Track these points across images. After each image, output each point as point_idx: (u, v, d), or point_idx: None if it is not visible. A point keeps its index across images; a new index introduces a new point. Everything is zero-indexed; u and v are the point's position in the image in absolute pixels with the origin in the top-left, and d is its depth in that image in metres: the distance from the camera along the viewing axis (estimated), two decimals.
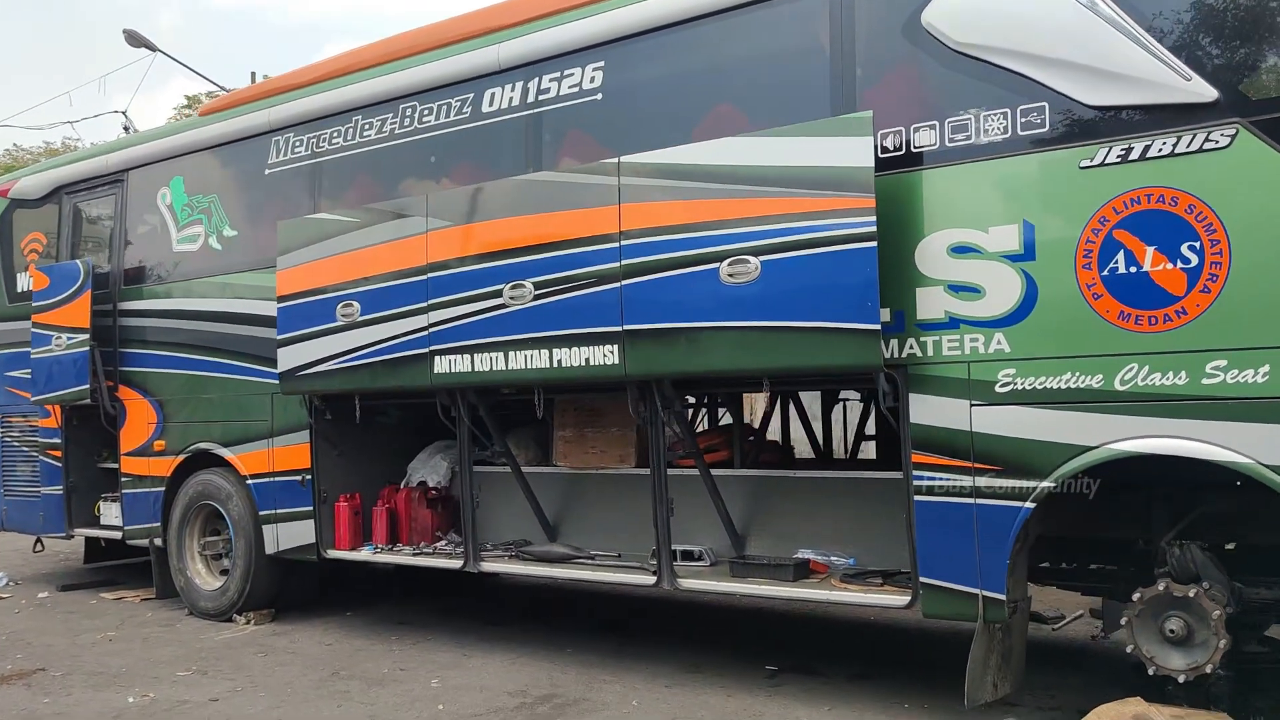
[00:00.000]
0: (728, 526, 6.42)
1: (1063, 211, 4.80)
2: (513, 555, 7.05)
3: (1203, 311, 4.47)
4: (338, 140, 7.67)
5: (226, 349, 8.25)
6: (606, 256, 5.89)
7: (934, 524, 5.14)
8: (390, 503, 7.76)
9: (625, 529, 6.99)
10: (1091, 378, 4.71)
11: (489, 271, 6.37)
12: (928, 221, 5.15)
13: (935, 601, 5.17)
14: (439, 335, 6.59)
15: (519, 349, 6.22)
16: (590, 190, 5.99)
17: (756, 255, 5.36)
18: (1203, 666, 4.62)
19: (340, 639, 7.66)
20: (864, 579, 5.78)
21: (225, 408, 8.27)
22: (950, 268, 5.08)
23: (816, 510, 6.29)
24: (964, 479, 5.04)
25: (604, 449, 7.12)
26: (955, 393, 5.05)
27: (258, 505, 8.05)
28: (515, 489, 7.30)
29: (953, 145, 5.12)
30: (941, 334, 5.10)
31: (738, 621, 8.15)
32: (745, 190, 5.43)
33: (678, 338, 5.64)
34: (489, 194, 6.48)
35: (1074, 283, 4.76)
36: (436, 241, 6.63)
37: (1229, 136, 4.43)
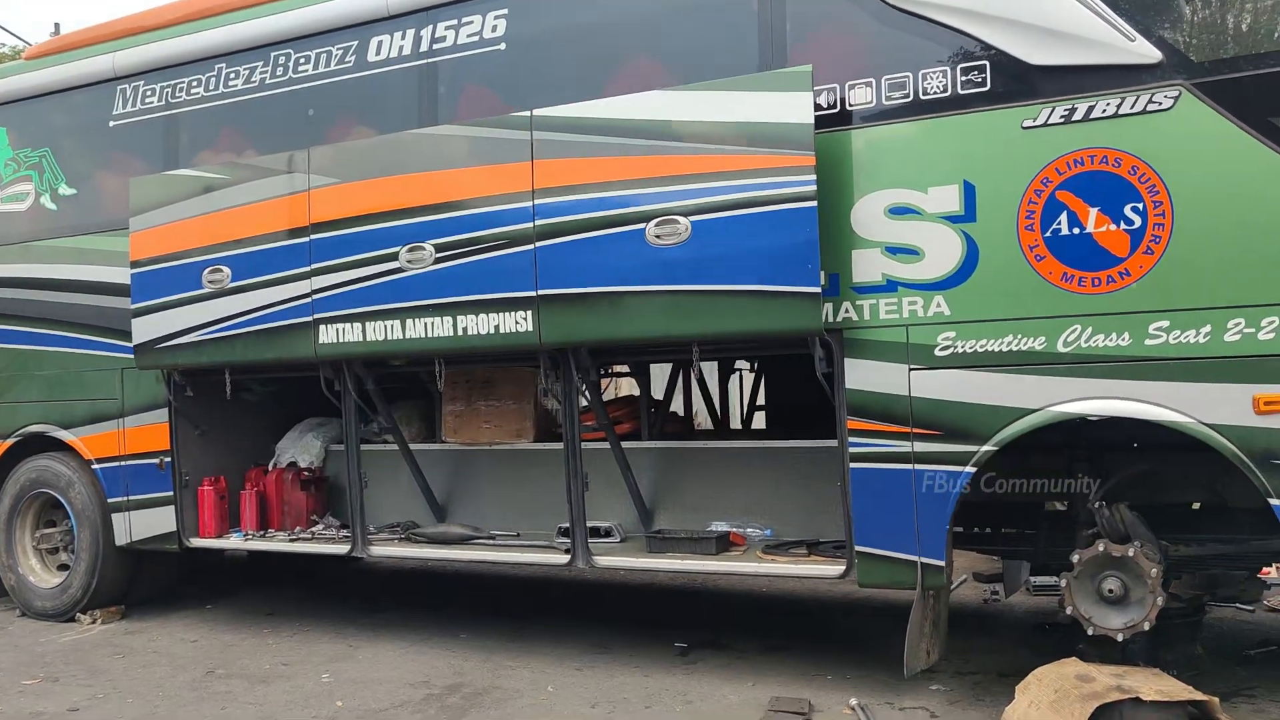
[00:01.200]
0: (637, 501, 6.18)
1: (1005, 172, 4.74)
2: (404, 538, 6.60)
3: (1146, 273, 4.49)
4: (197, 90, 6.97)
5: (64, 320, 7.43)
6: (518, 216, 5.52)
7: (870, 492, 5.03)
8: (259, 485, 7.17)
9: (522, 507, 6.67)
10: (1034, 340, 4.68)
11: (383, 233, 5.89)
12: (864, 181, 5.01)
13: (871, 570, 5.06)
14: (324, 303, 6.07)
15: (418, 316, 5.78)
16: (499, 145, 5.60)
17: (687, 215, 5.11)
18: (1140, 624, 4.66)
19: (205, 635, 7.03)
20: (786, 550, 5.64)
21: (64, 385, 7.46)
22: (888, 229, 4.95)
23: (730, 482, 6.12)
24: (902, 445, 4.94)
25: (498, 423, 6.75)
26: (893, 357, 4.94)
27: (106, 492, 7.29)
28: (399, 468, 6.86)
29: (890, 104, 4.99)
30: (879, 297, 4.98)
31: (635, 599, 7.92)
32: (674, 147, 5.16)
33: (599, 303, 5.33)
34: (383, 149, 6.00)
35: (1016, 244, 4.71)
36: (321, 200, 6.10)
37: (1172, 98, 4.44)
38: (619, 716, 5.12)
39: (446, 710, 5.28)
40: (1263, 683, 5.21)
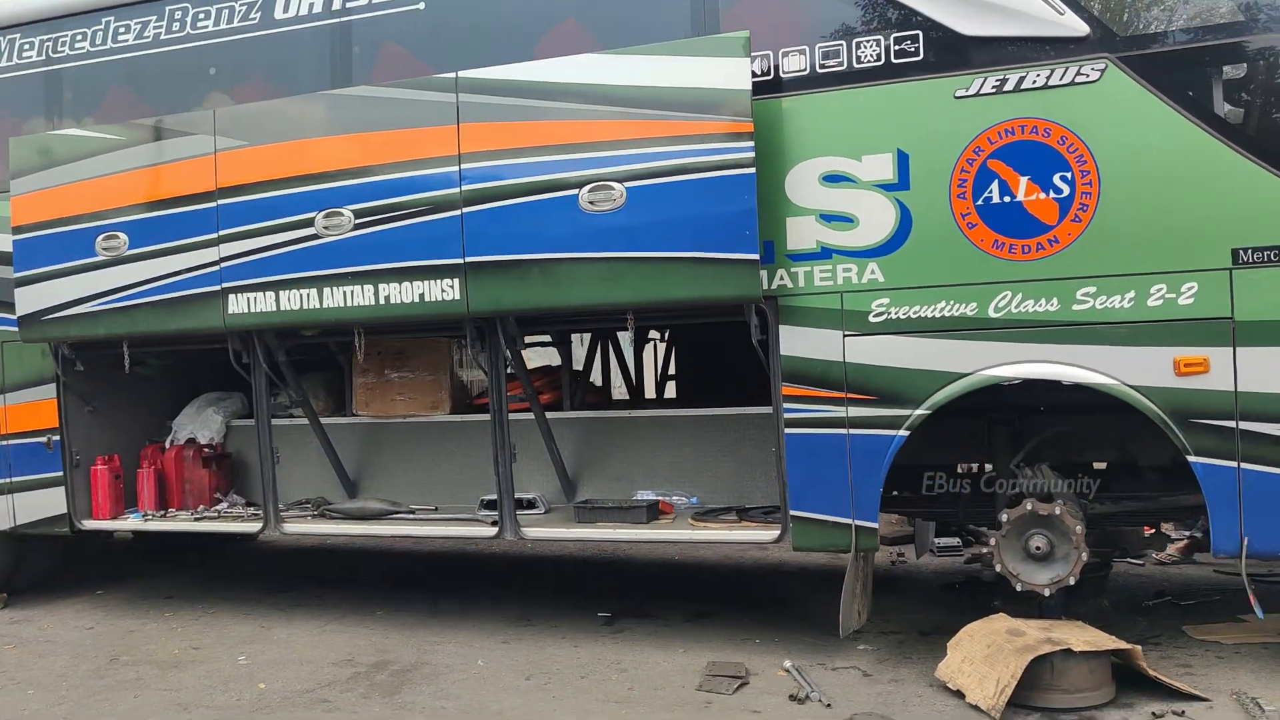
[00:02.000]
0: (560, 472, 6.13)
1: (938, 141, 4.83)
2: (318, 514, 6.40)
3: (1074, 240, 4.64)
4: (82, 45, 6.55)
5: None
6: (443, 181, 5.37)
7: (805, 456, 5.09)
8: (156, 463, 6.86)
9: (439, 480, 6.56)
10: (966, 306, 4.80)
11: (298, 198, 5.66)
12: (798, 149, 5.03)
13: (807, 534, 5.13)
14: (234, 270, 5.80)
15: (337, 285, 5.59)
16: (423, 108, 5.44)
17: (622, 181, 5.05)
18: (1065, 579, 4.85)
19: (102, 621, 6.68)
20: (716, 517, 5.67)
21: None
22: (823, 196, 5.00)
23: (655, 450, 6.13)
24: (837, 410, 5.01)
25: (413, 395, 6.60)
26: (828, 324, 5.00)
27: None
28: (308, 443, 6.65)
29: (824, 71, 5.02)
30: (813, 264, 5.02)
31: (552, 572, 7.86)
32: (608, 111, 5.09)
33: (530, 270, 5.24)
34: (297, 110, 5.76)
35: (949, 212, 4.81)
36: (229, 164, 5.82)
37: (1099, 71, 4.59)
38: (555, 687, 5.08)
39: (378, 688, 5.16)
40: (1163, 631, 5.48)
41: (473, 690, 5.08)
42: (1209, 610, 5.86)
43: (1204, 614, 5.78)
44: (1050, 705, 4.42)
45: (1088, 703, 4.43)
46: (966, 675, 4.64)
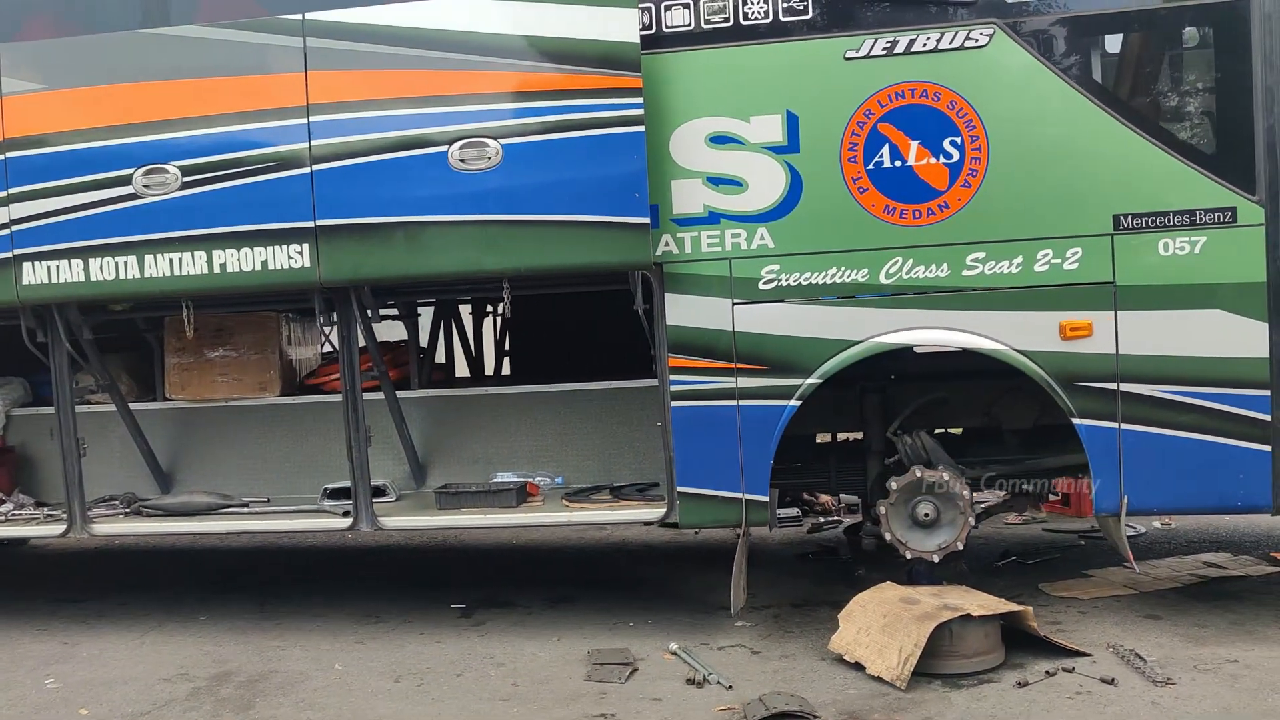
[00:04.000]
0: (410, 456, 5.69)
1: (828, 103, 4.72)
2: (132, 512, 5.67)
3: (964, 205, 4.64)
4: None
5: None
6: (289, 135, 4.83)
7: (692, 430, 4.89)
8: None
9: (267, 469, 6.00)
10: (857, 272, 4.72)
11: (110, 151, 4.96)
12: (683, 109, 4.80)
13: (694, 510, 4.94)
14: (29, 235, 5.03)
15: (161, 251, 4.93)
16: (263, 53, 4.87)
17: (497, 138, 4.67)
18: (953, 545, 4.87)
19: None
20: (588, 497, 5.40)
21: None
22: (709, 159, 4.79)
23: (513, 430, 5.78)
24: (726, 381, 4.84)
25: (238, 376, 5.97)
26: (716, 291, 4.82)
27: None
28: (113, 432, 5.91)
29: (710, 27, 4.79)
30: (700, 229, 4.82)
31: (388, 564, 7.32)
32: (481, 62, 4.70)
33: (394, 234, 4.78)
34: (110, 50, 5.03)
35: (839, 176, 4.71)
36: (19, 110, 5.04)
37: (988, 36, 4.59)
38: (431, 688, 4.67)
39: (226, 703, 4.58)
40: (1022, 590, 5.63)
41: (339, 698, 4.59)
42: (1055, 568, 6.08)
43: (1052, 572, 5.99)
44: (950, 671, 4.41)
45: (984, 666, 4.44)
46: (864, 647, 4.57)
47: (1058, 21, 4.63)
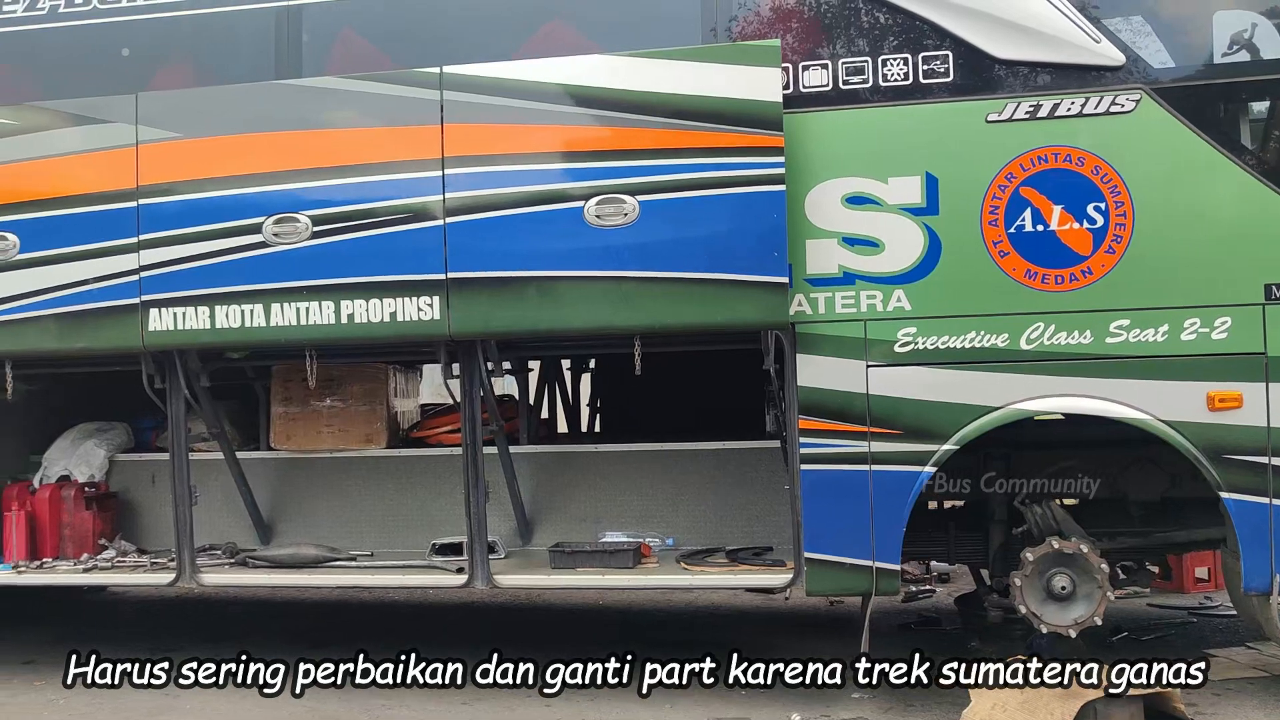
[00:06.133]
0: (518, 511, 5.60)
1: (968, 165, 4.67)
2: (237, 562, 5.60)
3: (1108, 271, 4.55)
4: None
5: None
6: (423, 187, 4.83)
7: (822, 494, 4.78)
8: (27, 505, 5.86)
9: (369, 522, 5.93)
10: (997, 337, 4.63)
11: (241, 200, 4.98)
12: (819, 168, 4.76)
13: (822, 577, 4.81)
14: (158, 281, 5.03)
15: (289, 300, 4.92)
16: (400, 105, 4.88)
17: (634, 194, 4.64)
18: (1090, 619, 4.72)
19: None
20: (703, 559, 5.28)
21: None
22: (846, 219, 4.74)
23: (623, 488, 5.69)
24: (858, 444, 4.73)
25: (344, 427, 5.93)
26: (850, 353, 4.73)
27: None
28: (213, 481, 5.86)
29: (847, 88, 4.78)
30: (835, 290, 4.75)
31: (464, 623, 7.21)
32: (618, 118, 4.70)
33: (525, 289, 4.75)
34: (243, 100, 5.07)
35: (980, 239, 4.64)
36: (154, 157, 5.06)
37: (1134, 101, 4.53)
38: None
39: None
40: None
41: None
42: (1170, 646, 5.89)
43: (1168, 650, 5.79)
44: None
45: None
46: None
47: (1206, 86, 4.59)
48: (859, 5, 4.80)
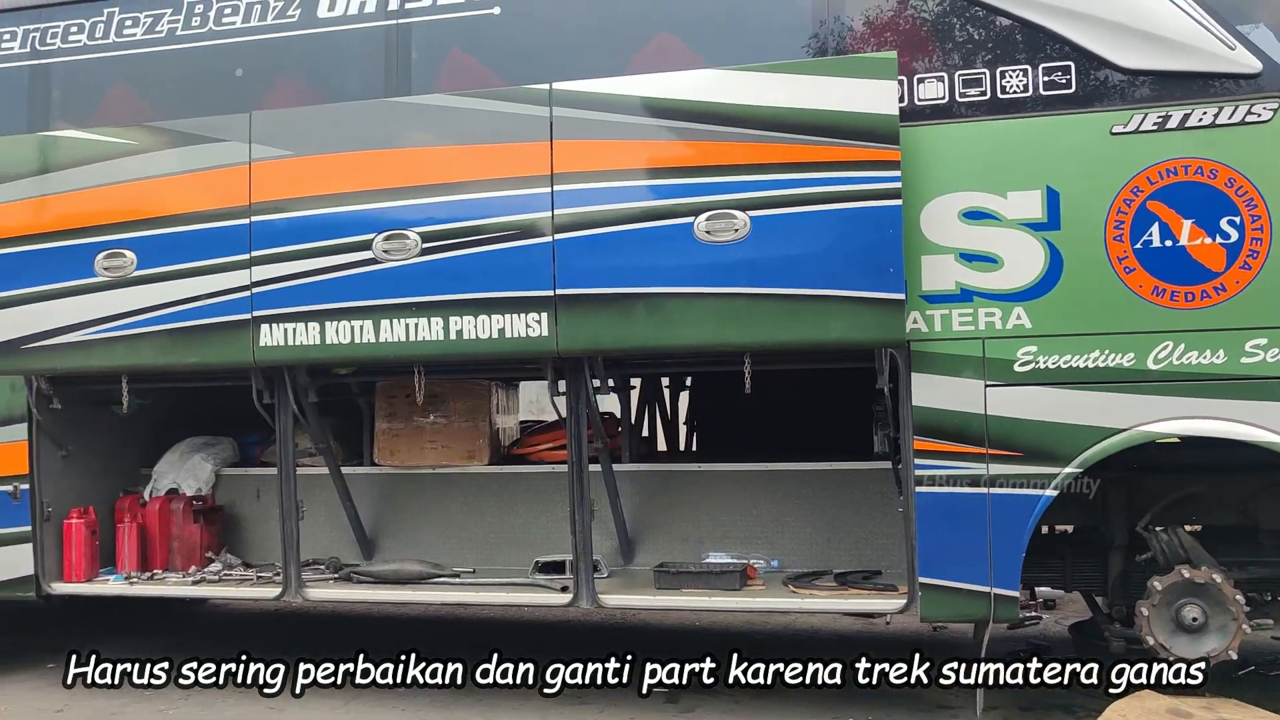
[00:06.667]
0: (620, 530, 5.54)
1: (1092, 179, 4.51)
2: (340, 577, 5.63)
3: (1243, 288, 4.36)
4: (78, 37, 5.74)
5: None
6: (532, 204, 4.81)
7: (938, 517, 4.64)
8: (138, 517, 5.96)
9: (470, 539, 5.92)
10: (1123, 356, 4.45)
11: (351, 217, 5.01)
12: (935, 183, 4.64)
13: (937, 602, 4.66)
14: (269, 297, 5.08)
15: (398, 316, 4.93)
16: (508, 121, 4.87)
17: (745, 210, 4.57)
18: (1223, 653, 4.50)
19: (70, 701, 5.69)
20: (810, 582, 5.17)
21: None
22: (963, 234, 4.61)
23: (727, 508, 5.60)
24: (976, 466, 4.59)
25: (447, 444, 5.92)
26: (967, 372, 4.59)
27: None
28: (316, 495, 5.88)
29: (964, 101, 4.66)
30: (951, 307, 4.62)
31: (539, 636, 7.14)
32: (728, 133, 4.63)
33: (634, 306, 4.70)
34: (355, 118, 5.10)
35: (1104, 255, 4.47)
36: (266, 175, 5.12)
37: (1271, 110, 4.34)
38: None
39: None
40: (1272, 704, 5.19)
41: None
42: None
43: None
44: None
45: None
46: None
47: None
48: (977, 16, 4.68)
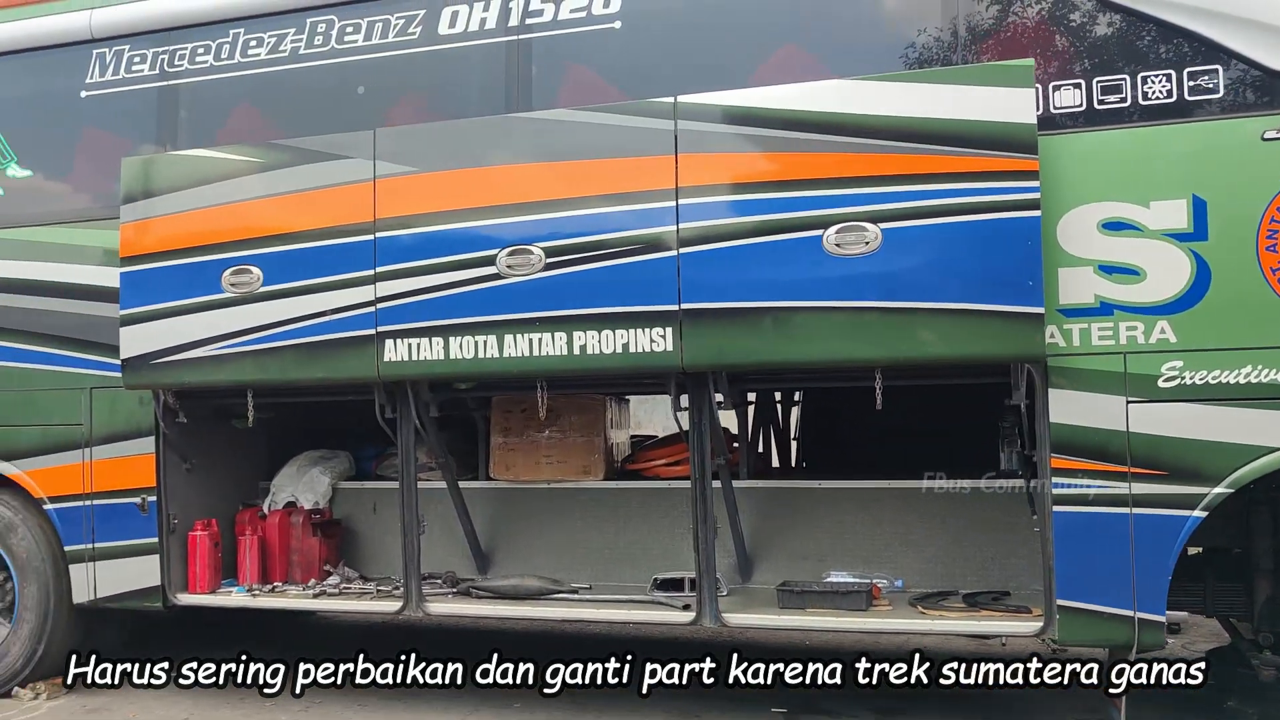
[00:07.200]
0: (739, 547, 5.46)
1: (1242, 187, 4.33)
2: (458, 592, 5.64)
3: None
4: (205, 58, 5.87)
5: (13, 328, 6.10)
6: (656, 218, 4.77)
7: (1077, 538, 4.49)
8: (259, 530, 6.05)
9: (584, 554, 5.88)
10: (1276, 372, 4.26)
11: (476, 233, 5.02)
12: (1072, 193, 4.50)
13: (1076, 626, 4.50)
14: (393, 313, 5.11)
15: (521, 331, 4.93)
16: (633, 135, 4.85)
17: (876, 222, 4.48)
18: None
19: (195, 710, 5.80)
20: (937, 603, 5.03)
21: (7, 407, 6.11)
22: (1102, 245, 4.47)
23: (848, 526, 5.48)
24: (1118, 485, 4.43)
25: (562, 458, 5.91)
26: (1108, 388, 4.44)
27: (63, 538, 5.98)
28: (432, 510, 5.90)
29: (1103, 108, 4.52)
30: (1091, 321, 4.47)
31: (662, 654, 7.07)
32: (858, 144, 4.54)
33: (761, 320, 4.63)
34: (478, 134, 5.12)
35: (1256, 266, 4.30)
36: (390, 192, 5.16)
37: None
38: None
39: None
40: None
41: None
42: None
43: None
44: None
45: None
46: None
47: None
48: (1116, 21, 4.55)
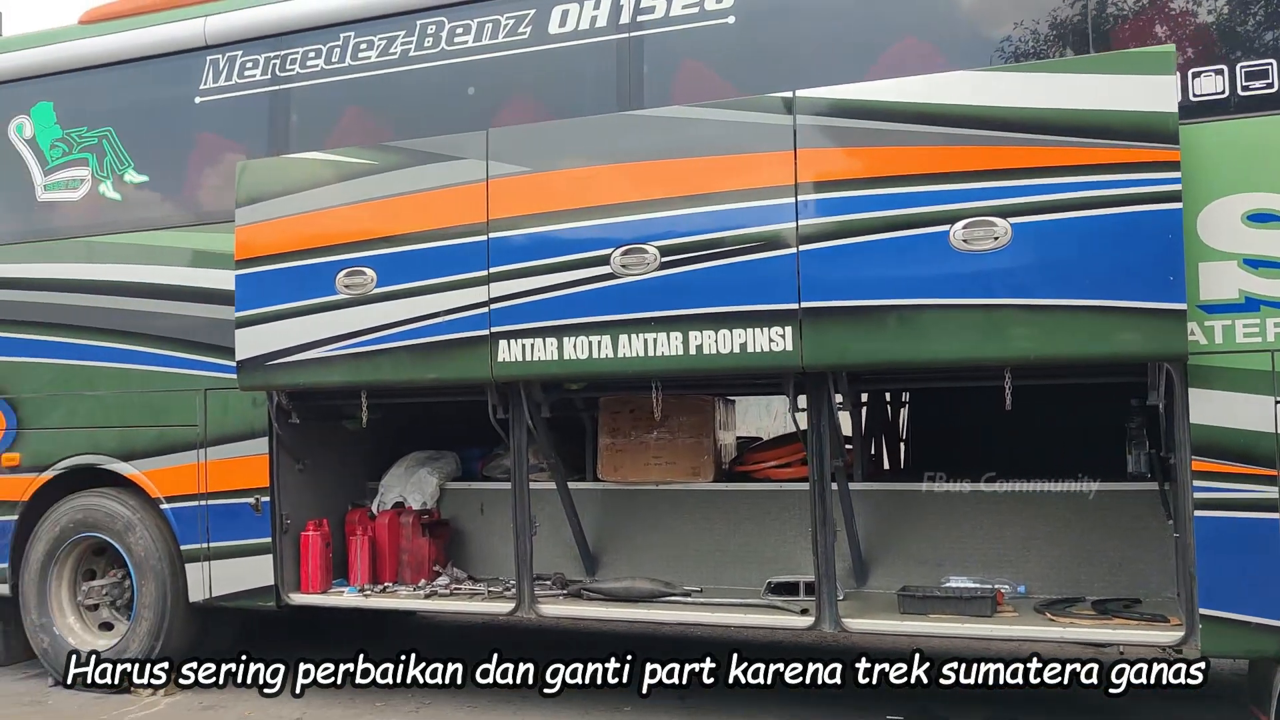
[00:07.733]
0: (854, 551, 5.34)
1: None
2: (569, 594, 5.61)
3: None
4: (316, 62, 5.92)
5: (126, 331, 6.23)
6: (775, 215, 4.68)
7: (1221, 544, 4.30)
8: (369, 530, 6.08)
9: (694, 556, 5.82)
10: None
11: (589, 232, 4.98)
12: (1215, 184, 4.31)
13: (1220, 637, 4.31)
14: (507, 313, 5.09)
15: (636, 331, 4.87)
16: (750, 132, 4.77)
17: (1005, 217, 4.34)
18: None
19: (308, 710, 5.84)
20: (1064, 610, 4.86)
21: (123, 409, 6.23)
22: (1247, 239, 4.28)
23: (969, 530, 5.34)
24: (1266, 489, 4.23)
25: (671, 460, 5.85)
26: (1255, 388, 4.25)
27: (179, 537, 6.08)
28: (546, 511, 5.87)
29: (1247, 95, 4.33)
30: (1235, 318, 4.28)
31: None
32: (986, 136, 4.40)
33: (885, 318, 4.51)
34: (590, 133, 5.09)
35: None
36: (503, 192, 5.14)
37: None
38: None
39: None
40: None
41: None
42: None
43: None
44: None
45: None
46: None
47: None
48: (1259, 3, 4.35)
